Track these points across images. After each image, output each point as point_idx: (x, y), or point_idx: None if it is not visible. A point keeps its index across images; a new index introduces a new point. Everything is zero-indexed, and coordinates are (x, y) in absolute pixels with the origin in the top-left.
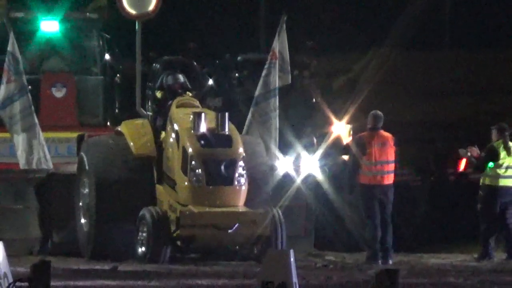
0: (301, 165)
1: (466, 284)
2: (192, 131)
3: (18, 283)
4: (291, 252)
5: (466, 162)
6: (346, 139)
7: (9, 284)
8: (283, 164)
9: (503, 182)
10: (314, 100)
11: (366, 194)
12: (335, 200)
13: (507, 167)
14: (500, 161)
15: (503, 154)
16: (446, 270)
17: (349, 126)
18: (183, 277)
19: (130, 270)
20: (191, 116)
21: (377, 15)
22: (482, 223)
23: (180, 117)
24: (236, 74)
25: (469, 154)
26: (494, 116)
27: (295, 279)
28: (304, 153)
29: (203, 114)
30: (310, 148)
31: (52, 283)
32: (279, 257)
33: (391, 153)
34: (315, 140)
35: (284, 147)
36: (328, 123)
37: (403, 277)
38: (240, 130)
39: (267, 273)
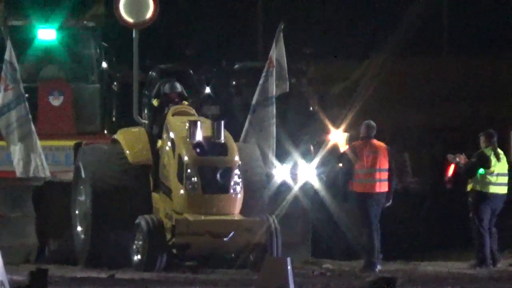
0: (298, 173)
1: None
2: (188, 139)
3: None
4: (289, 259)
5: (455, 167)
6: (343, 147)
7: None
8: (280, 172)
9: (493, 189)
10: (311, 108)
11: (360, 202)
12: (332, 208)
13: (498, 174)
14: (491, 168)
15: (494, 160)
16: (443, 278)
17: (346, 134)
18: (180, 285)
19: (127, 278)
20: (187, 125)
21: (375, 21)
22: (475, 230)
23: (176, 125)
24: (234, 82)
25: (457, 159)
26: (492, 121)
27: (292, 286)
28: (301, 161)
29: (198, 123)
30: (307, 156)
31: None
32: (277, 264)
33: (384, 162)
34: (312, 148)
35: (281, 155)
36: (325, 131)
37: (400, 285)
38: (237, 138)
39: (265, 280)
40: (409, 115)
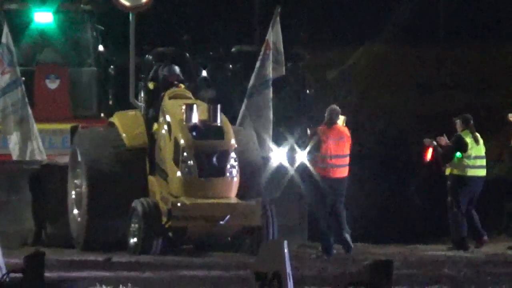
0: (295, 156)
1: (460, 275)
2: (184, 123)
3: (12, 274)
4: (285, 242)
5: (432, 151)
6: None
7: (3, 275)
8: (276, 156)
9: (471, 172)
10: (307, 91)
11: (320, 187)
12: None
13: (475, 157)
14: (468, 151)
15: (470, 144)
16: (440, 262)
17: (342, 118)
18: (177, 268)
19: (123, 261)
20: (183, 108)
21: (372, 8)
22: (452, 214)
23: (173, 108)
24: (230, 66)
25: (434, 143)
26: (488, 110)
27: (289, 270)
28: (297, 145)
29: (195, 106)
30: (304, 139)
31: (46, 275)
32: (273, 247)
33: (346, 147)
34: (308, 132)
35: (278, 139)
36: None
37: (397, 269)
38: (233, 121)
39: (261, 263)
40: (404, 102)
